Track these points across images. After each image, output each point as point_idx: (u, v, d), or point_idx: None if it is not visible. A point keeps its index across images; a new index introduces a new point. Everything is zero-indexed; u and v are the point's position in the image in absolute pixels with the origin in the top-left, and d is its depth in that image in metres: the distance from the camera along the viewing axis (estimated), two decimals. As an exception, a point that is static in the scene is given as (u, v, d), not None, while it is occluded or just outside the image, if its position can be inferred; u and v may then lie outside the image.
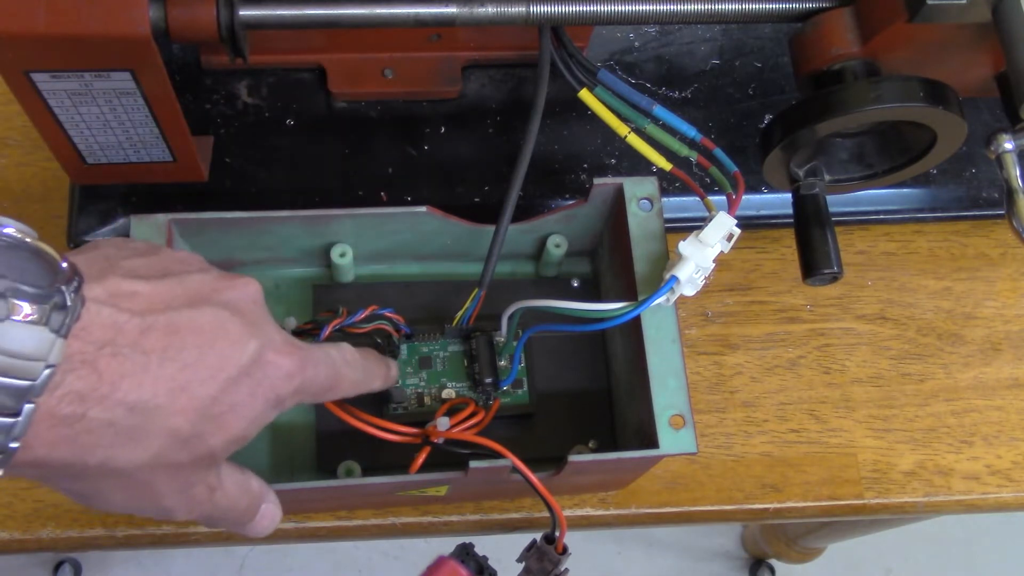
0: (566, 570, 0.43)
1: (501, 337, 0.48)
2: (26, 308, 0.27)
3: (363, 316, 0.44)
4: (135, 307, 0.31)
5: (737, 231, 0.43)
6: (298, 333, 0.44)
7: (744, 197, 0.45)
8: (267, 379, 0.34)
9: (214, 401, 0.33)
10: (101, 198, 0.52)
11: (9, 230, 0.29)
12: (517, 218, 0.47)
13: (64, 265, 0.29)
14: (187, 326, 0.32)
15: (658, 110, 0.46)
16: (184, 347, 0.32)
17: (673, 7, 0.46)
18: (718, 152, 0.45)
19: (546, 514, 0.42)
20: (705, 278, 0.43)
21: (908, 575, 1.35)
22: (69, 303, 0.29)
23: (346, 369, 0.39)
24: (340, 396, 0.39)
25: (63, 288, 0.28)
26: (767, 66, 0.60)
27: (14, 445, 0.28)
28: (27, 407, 0.28)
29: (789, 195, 0.49)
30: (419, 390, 0.48)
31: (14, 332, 0.27)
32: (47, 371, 0.28)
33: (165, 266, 0.34)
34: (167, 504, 0.34)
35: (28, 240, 0.29)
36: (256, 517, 0.39)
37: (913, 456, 0.55)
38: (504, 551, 0.46)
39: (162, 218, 0.44)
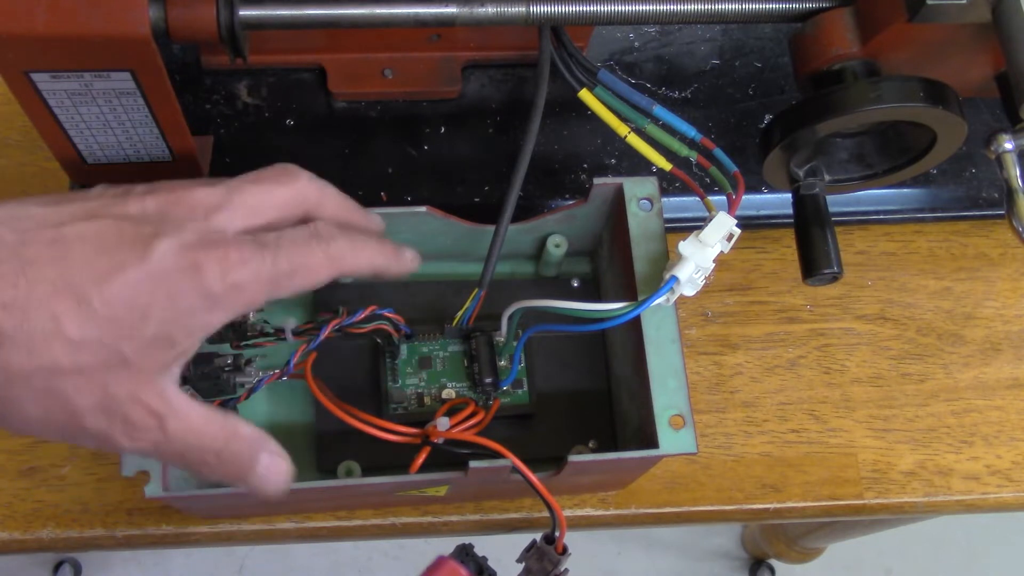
0: (566, 570, 0.43)
1: (501, 337, 0.48)
2: None
3: (363, 316, 0.44)
4: (21, 226, 0.31)
5: (737, 231, 0.43)
6: (298, 333, 0.44)
7: (744, 197, 0.45)
8: (186, 278, 0.32)
9: (107, 304, 0.31)
10: (101, 198, 0.52)
11: None
12: (517, 218, 0.47)
13: None
14: (74, 236, 0.31)
15: (658, 110, 0.46)
16: (68, 254, 0.31)
17: (673, 7, 0.46)
18: (718, 152, 0.45)
19: (546, 514, 0.42)
20: (705, 278, 0.43)
21: (908, 575, 1.35)
22: None
23: (315, 245, 0.35)
24: (316, 283, 0.35)
25: None
26: (767, 66, 0.60)
27: None
28: None
29: (789, 195, 0.49)
30: (419, 390, 0.48)
31: None
32: None
33: (79, 196, 0.33)
34: (93, 424, 0.32)
35: None
36: (257, 468, 0.35)
37: (913, 456, 0.55)
38: (504, 551, 0.46)
39: (162, 218, 0.44)
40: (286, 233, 0.34)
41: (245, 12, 0.42)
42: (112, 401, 0.32)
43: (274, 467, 0.36)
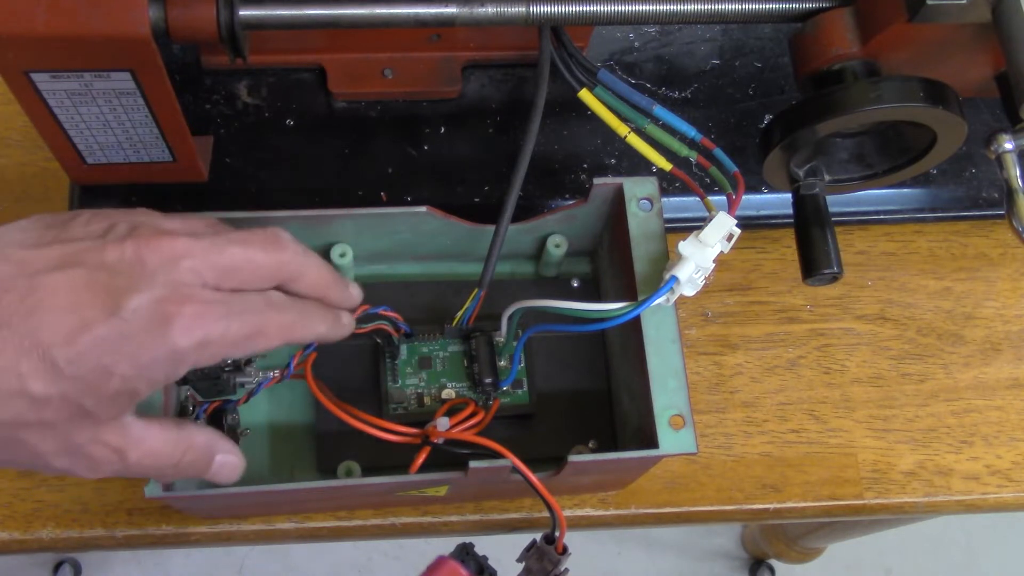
0: (566, 570, 0.43)
1: (501, 337, 0.48)
2: None
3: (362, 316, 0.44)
4: (1, 273, 0.32)
5: (737, 231, 0.43)
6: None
7: (744, 197, 0.45)
8: (153, 333, 0.32)
9: (72, 363, 0.31)
10: (101, 198, 0.52)
11: None
12: (517, 218, 0.47)
13: None
14: (48, 287, 0.31)
15: (658, 110, 0.46)
16: (39, 307, 0.31)
17: (673, 7, 0.46)
18: (718, 152, 0.45)
19: (546, 514, 0.42)
20: (705, 278, 0.43)
21: (908, 575, 1.35)
22: None
23: (272, 314, 0.35)
24: (268, 347, 0.36)
25: None
26: (767, 66, 0.60)
27: None
28: None
29: (789, 195, 0.49)
30: (419, 390, 0.48)
31: None
32: None
33: (60, 234, 0.33)
34: (57, 464, 0.34)
35: None
36: (213, 467, 0.38)
37: (913, 456, 0.55)
38: (504, 551, 0.46)
39: (162, 218, 0.44)
40: (249, 298, 0.35)
41: (245, 12, 0.42)
42: (74, 445, 0.34)
43: (226, 465, 0.39)
